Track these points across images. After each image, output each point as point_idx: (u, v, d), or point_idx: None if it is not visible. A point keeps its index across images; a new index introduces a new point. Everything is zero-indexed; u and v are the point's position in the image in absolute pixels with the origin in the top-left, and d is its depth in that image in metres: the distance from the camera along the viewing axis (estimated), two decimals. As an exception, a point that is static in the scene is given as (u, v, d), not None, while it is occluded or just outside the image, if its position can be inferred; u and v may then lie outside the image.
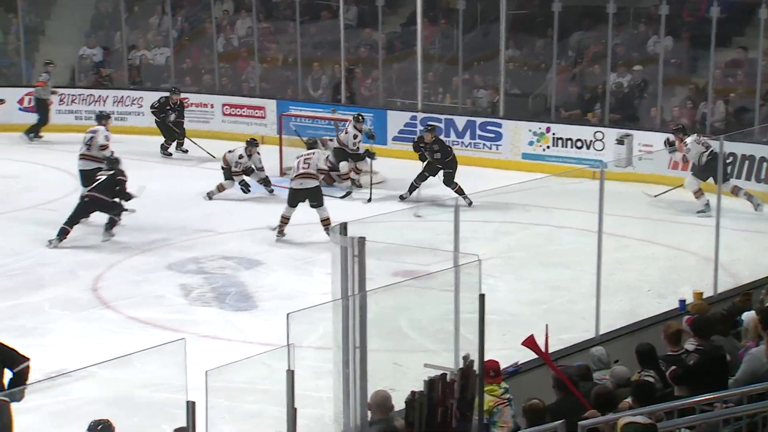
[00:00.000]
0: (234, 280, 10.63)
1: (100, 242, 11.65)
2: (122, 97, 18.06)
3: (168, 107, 16.05)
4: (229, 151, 13.97)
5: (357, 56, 17.73)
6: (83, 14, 19.56)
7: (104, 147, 12.63)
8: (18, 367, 6.62)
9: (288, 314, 5.13)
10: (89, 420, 5.70)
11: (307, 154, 12.22)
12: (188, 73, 18.71)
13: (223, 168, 13.85)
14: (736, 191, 12.70)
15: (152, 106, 16.41)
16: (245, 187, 13.72)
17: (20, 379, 6.56)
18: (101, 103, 17.91)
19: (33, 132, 17.00)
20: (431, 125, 13.95)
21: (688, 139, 13.33)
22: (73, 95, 17.93)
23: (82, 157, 12.70)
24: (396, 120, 16.49)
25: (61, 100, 17.82)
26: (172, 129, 16.12)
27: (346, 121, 15.14)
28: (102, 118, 13.31)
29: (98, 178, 11.79)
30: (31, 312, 9.47)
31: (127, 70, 18.61)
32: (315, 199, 11.87)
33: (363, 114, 14.70)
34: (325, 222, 11.65)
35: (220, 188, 13.74)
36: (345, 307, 6.03)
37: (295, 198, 11.90)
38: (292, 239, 11.90)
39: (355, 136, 14.06)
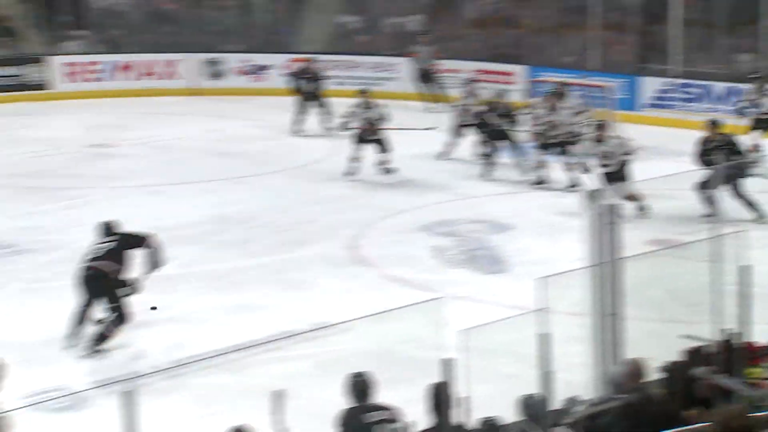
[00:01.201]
0: (486, 243, 10.70)
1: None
2: (378, 63, 18.53)
3: (305, 75, 15.67)
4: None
5: (610, 21, 17.28)
6: (343, -18, 20.20)
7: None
8: (146, 244, 8.13)
9: (541, 278, 5.14)
10: (350, 370, 5.94)
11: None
12: (441, 39, 18.92)
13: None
14: None
15: (290, 74, 16.24)
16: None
17: (155, 252, 8.17)
18: (358, 68, 18.49)
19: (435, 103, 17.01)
20: (716, 121, 11.46)
21: None
22: (332, 61, 18.57)
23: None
24: (648, 86, 16.00)
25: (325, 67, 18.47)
26: (303, 98, 15.55)
27: (598, 86, 14.86)
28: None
29: None
30: (297, 267, 9.90)
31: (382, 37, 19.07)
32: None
33: None
34: (631, 198, 10.73)
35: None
36: (599, 273, 5.97)
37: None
38: (544, 205, 11.86)
39: None
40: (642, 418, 5.25)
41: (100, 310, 8.08)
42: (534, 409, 5.33)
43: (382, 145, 12.94)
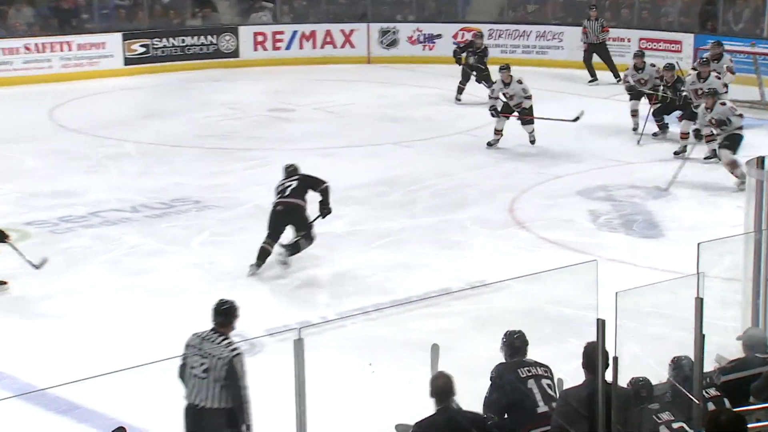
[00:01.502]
0: (641, 208, 10.41)
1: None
2: (544, 31, 18.18)
3: (470, 49, 15.42)
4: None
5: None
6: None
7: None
8: (320, 188, 8.70)
9: (699, 243, 4.95)
10: (505, 327, 5.89)
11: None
12: (609, 7, 18.36)
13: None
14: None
15: (455, 47, 16.13)
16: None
17: (325, 194, 8.72)
18: (525, 37, 18.21)
19: (592, 75, 16.79)
20: None
21: None
22: (500, 30, 18.34)
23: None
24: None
25: (489, 35, 18.21)
26: (467, 71, 15.38)
27: (766, 54, 14.09)
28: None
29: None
30: (456, 228, 9.87)
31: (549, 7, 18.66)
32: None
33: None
34: (732, 168, 10.69)
35: None
36: (758, 240, 5.71)
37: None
38: (697, 173, 11.40)
39: None
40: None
41: (283, 241, 8.64)
42: (685, 370, 5.15)
43: (524, 116, 12.68)
